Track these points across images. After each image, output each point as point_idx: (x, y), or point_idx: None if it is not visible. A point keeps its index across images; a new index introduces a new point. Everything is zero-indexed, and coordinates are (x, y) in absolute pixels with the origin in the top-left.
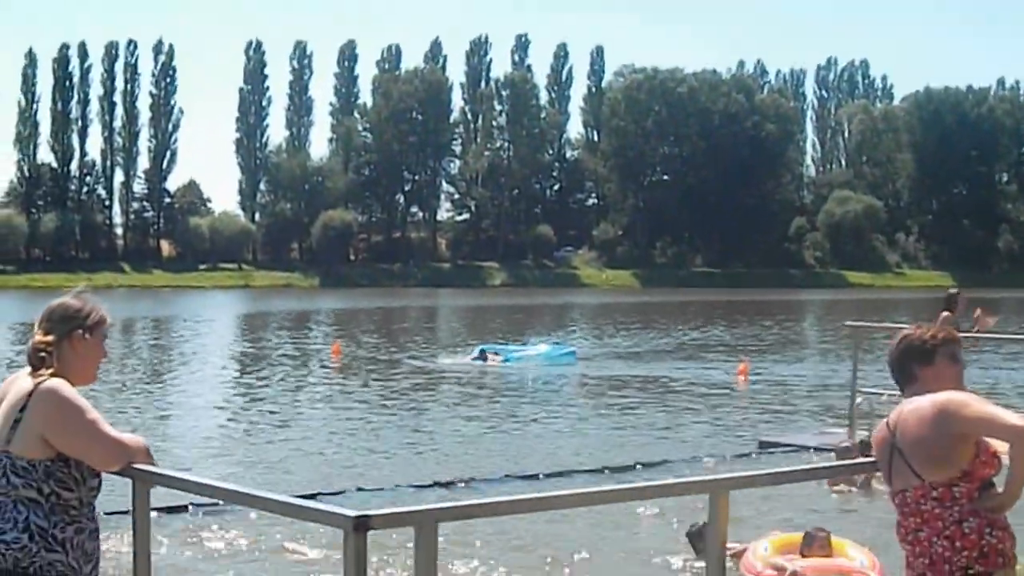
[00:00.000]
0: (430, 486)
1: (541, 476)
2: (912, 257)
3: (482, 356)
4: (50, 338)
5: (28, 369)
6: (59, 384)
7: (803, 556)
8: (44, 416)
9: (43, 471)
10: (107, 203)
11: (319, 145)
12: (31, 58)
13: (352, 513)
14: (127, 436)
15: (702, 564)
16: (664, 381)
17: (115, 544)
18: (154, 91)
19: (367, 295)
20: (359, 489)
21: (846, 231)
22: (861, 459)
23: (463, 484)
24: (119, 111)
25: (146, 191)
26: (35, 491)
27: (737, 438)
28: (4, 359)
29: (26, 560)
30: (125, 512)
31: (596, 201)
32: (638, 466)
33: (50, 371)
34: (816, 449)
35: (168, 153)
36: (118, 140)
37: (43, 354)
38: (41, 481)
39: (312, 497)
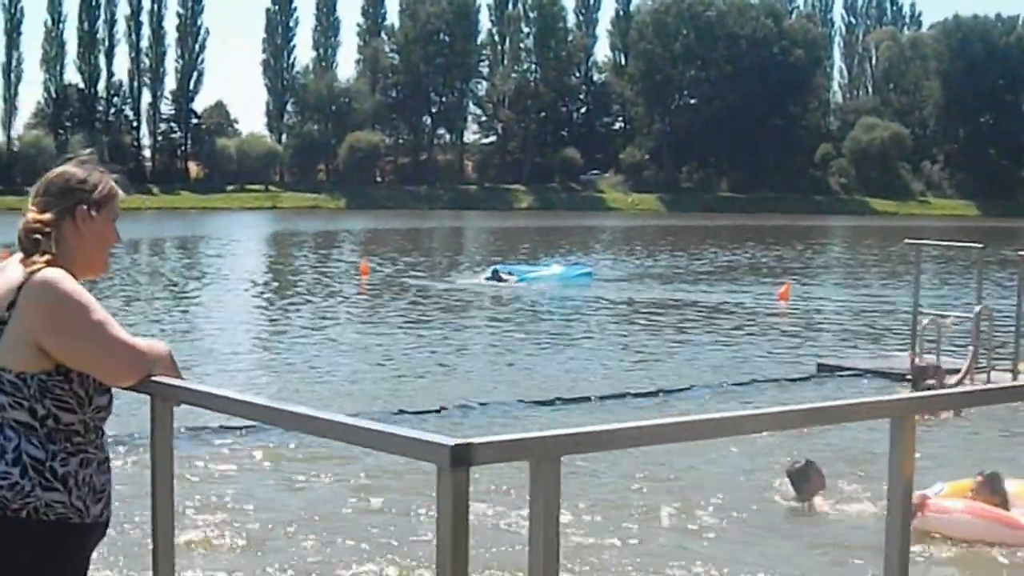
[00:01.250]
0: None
1: (593, 398)
2: (937, 185)
3: (495, 276)
4: (47, 216)
5: (18, 256)
6: (58, 275)
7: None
8: (38, 315)
9: (37, 387)
10: (135, 124)
11: (346, 66)
12: None
13: (450, 442)
14: (144, 341)
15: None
16: (702, 304)
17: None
18: (181, 11)
19: (394, 216)
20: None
21: (872, 158)
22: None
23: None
24: (146, 31)
25: (173, 112)
26: (27, 412)
27: (789, 363)
28: None
29: (17, 501)
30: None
31: (623, 125)
32: (693, 388)
33: (46, 258)
34: (879, 373)
35: (195, 74)
36: (145, 60)
37: (37, 236)
38: (35, 400)
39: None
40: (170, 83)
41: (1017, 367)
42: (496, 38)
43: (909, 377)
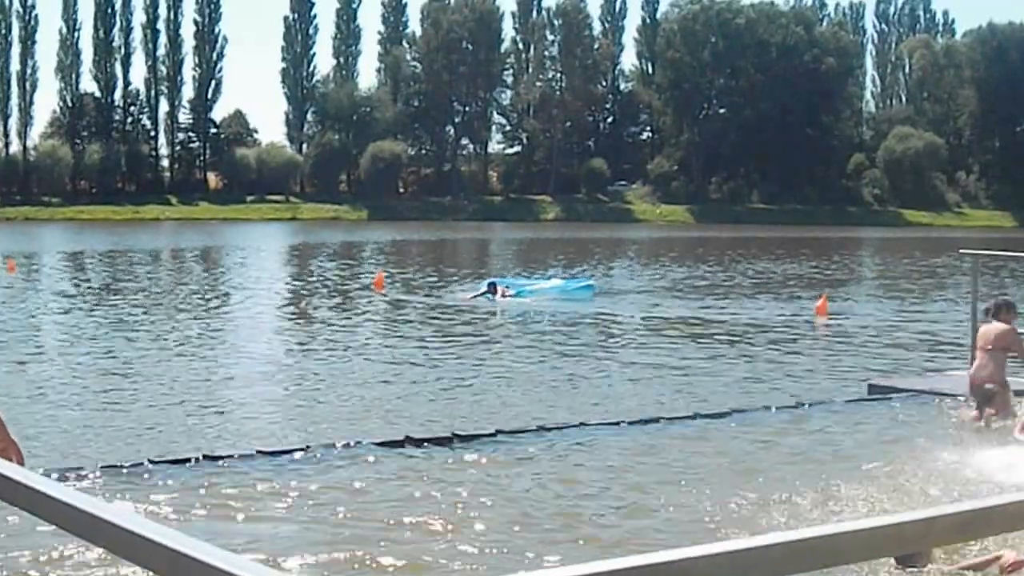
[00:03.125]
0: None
1: (624, 424)
2: (972, 196)
3: (491, 289)
4: None
5: None
6: None
7: None
8: None
9: None
10: (152, 134)
11: (367, 75)
12: None
13: None
14: None
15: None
16: (736, 319)
17: None
18: (198, 18)
19: (417, 228)
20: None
21: (906, 168)
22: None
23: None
24: (163, 39)
25: (191, 121)
26: None
27: (835, 382)
28: (53, 290)
29: None
30: None
31: (651, 135)
32: (733, 413)
33: None
34: (937, 394)
35: (213, 82)
36: (162, 69)
37: None
38: None
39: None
40: (188, 92)
41: None
42: (520, 46)
43: (965, 398)
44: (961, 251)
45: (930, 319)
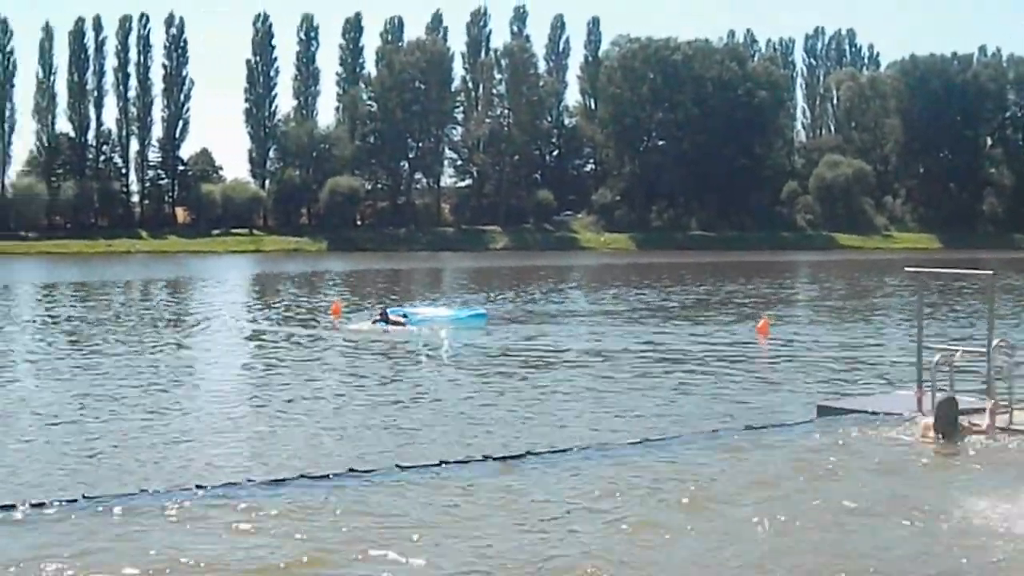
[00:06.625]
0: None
1: (575, 449)
2: (899, 219)
3: (384, 318)
4: None
5: None
6: None
7: None
8: None
9: None
10: (124, 171)
11: (326, 114)
12: (48, 31)
13: None
14: None
15: None
16: (680, 344)
17: None
18: (166, 63)
19: (374, 259)
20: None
21: (836, 194)
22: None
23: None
24: (133, 82)
25: (160, 159)
26: None
27: (781, 403)
28: (28, 317)
29: None
30: None
31: (594, 167)
32: (680, 436)
33: None
34: (887, 414)
35: (181, 123)
36: (132, 110)
37: None
38: None
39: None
40: (157, 131)
41: None
42: (470, 85)
43: (914, 416)
44: (906, 268)
45: (872, 338)
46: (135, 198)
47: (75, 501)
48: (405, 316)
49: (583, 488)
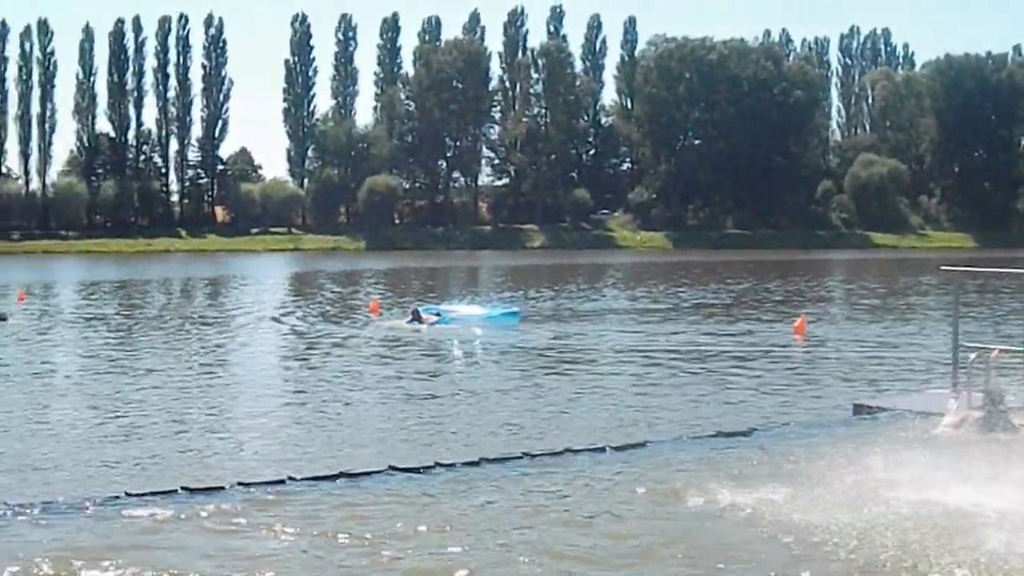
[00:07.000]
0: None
1: (608, 449)
2: (934, 219)
3: (416, 317)
4: None
5: None
6: None
7: None
8: None
9: None
10: (163, 171)
11: (364, 113)
12: (88, 32)
13: None
14: None
15: None
16: (715, 343)
17: None
18: (205, 63)
19: (411, 257)
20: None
21: (871, 193)
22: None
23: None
24: (172, 82)
25: (200, 159)
26: None
27: (818, 402)
28: (70, 316)
29: None
30: None
31: (630, 166)
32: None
33: None
34: (922, 413)
35: (220, 122)
36: (172, 110)
37: None
38: None
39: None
40: (196, 131)
41: None
42: (507, 84)
43: (950, 414)
44: (942, 268)
45: (908, 337)
46: (174, 197)
47: (118, 497)
48: (438, 314)
49: (626, 486)
